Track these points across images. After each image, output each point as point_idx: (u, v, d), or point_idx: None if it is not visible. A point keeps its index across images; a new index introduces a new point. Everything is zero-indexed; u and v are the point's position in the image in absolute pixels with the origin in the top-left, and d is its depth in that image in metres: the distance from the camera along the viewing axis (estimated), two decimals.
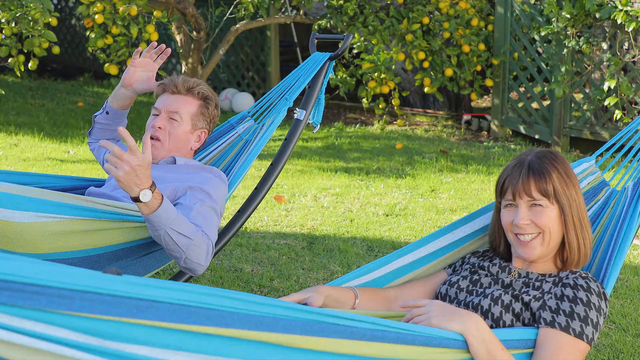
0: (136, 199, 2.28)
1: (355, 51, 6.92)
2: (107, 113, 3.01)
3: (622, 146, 2.51)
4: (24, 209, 2.35)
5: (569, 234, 2.04)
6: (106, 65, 6.27)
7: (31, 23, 4.99)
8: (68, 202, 2.44)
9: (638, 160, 2.36)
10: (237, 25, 7.03)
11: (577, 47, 6.19)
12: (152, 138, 2.79)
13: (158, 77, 9.92)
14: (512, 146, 6.94)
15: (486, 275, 2.10)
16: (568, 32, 6.26)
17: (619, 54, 6.11)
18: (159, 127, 2.79)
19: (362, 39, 6.77)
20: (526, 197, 2.02)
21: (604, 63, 6.35)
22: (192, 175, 2.73)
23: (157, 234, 2.37)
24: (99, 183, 3.04)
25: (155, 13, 6.16)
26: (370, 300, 2.14)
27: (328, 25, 6.97)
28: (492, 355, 1.80)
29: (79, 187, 3.03)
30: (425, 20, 6.81)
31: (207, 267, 2.57)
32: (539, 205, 2.02)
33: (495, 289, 2.03)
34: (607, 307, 1.95)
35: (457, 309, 1.87)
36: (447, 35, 6.86)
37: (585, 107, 6.50)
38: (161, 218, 2.32)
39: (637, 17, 5.72)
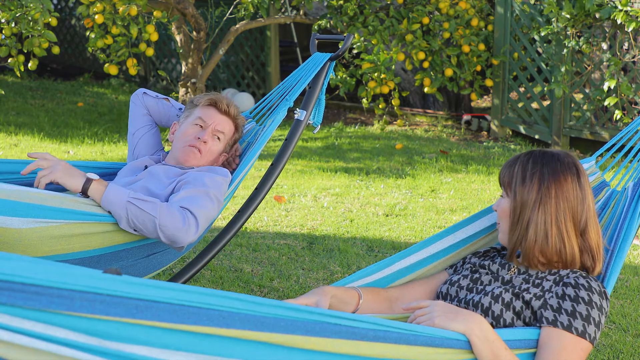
0: (85, 189, 2.48)
1: (355, 51, 6.92)
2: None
3: (622, 146, 2.51)
4: (22, 215, 2.34)
5: (510, 232, 2.05)
6: (106, 65, 6.26)
7: (31, 23, 4.98)
8: (67, 207, 2.43)
9: (638, 161, 2.35)
10: (237, 25, 7.02)
11: (577, 47, 6.19)
12: (192, 146, 2.86)
13: (158, 77, 9.91)
14: (512, 146, 6.94)
15: (487, 274, 2.11)
16: (568, 32, 6.26)
17: (619, 54, 6.11)
18: (204, 142, 2.87)
19: (362, 39, 6.77)
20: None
21: (604, 63, 6.34)
22: (193, 173, 2.75)
23: (123, 213, 2.47)
24: (105, 171, 3.03)
25: (155, 13, 6.16)
26: (373, 300, 2.15)
27: (328, 25, 6.97)
28: (496, 356, 1.80)
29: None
30: (425, 20, 6.81)
31: (193, 241, 2.56)
32: (502, 195, 2.11)
33: (495, 286, 2.03)
34: (608, 306, 1.95)
35: (460, 310, 1.87)
36: (447, 35, 6.86)
37: (585, 107, 6.50)
38: (115, 196, 2.47)
39: (637, 17, 5.72)
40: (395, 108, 7.12)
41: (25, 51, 5.21)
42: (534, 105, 7.23)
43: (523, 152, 2.10)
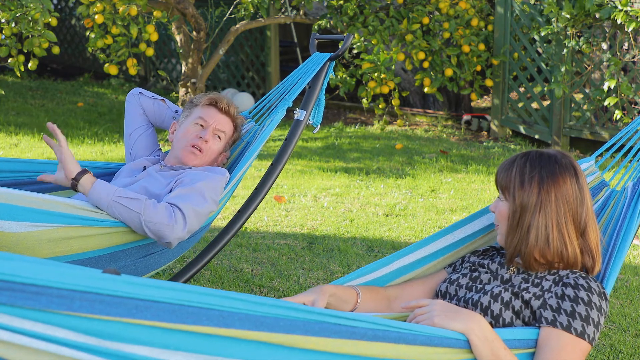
0: (77, 179, 2.56)
1: (355, 51, 6.92)
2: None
3: (622, 146, 2.51)
4: (20, 219, 2.34)
5: (509, 235, 2.04)
6: (106, 65, 6.26)
7: (31, 23, 4.99)
8: (64, 211, 2.43)
9: (638, 161, 2.36)
10: (237, 25, 7.02)
11: (577, 47, 6.19)
12: (194, 146, 2.87)
13: (158, 77, 9.91)
14: (512, 146, 6.94)
15: (486, 272, 2.11)
16: (568, 32, 6.26)
17: (619, 54, 6.11)
18: (206, 141, 2.88)
19: (362, 39, 6.77)
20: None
21: (604, 63, 6.35)
22: (190, 173, 2.76)
23: (109, 208, 2.51)
24: (105, 171, 3.04)
25: (155, 13, 6.16)
26: (372, 299, 2.15)
27: (328, 25, 6.97)
28: (496, 355, 1.80)
29: None
30: (425, 20, 6.81)
31: (182, 237, 2.56)
32: (500, 197, 2.08)
33: (494, 285, 2.03)
34: (607, 307, 1.95)
35: (460, 309, 1.87)
36: (447, 35, 6.86)
37: (585, 107, 6.50)
38: (99, 195, 2.52)
39: (637, 17, 5.72)
40: (395, 108, 7.12)
41: (25, 51, 5.21)
42: (534, 105, 7.23)
43: (519, 154, 2.09)
